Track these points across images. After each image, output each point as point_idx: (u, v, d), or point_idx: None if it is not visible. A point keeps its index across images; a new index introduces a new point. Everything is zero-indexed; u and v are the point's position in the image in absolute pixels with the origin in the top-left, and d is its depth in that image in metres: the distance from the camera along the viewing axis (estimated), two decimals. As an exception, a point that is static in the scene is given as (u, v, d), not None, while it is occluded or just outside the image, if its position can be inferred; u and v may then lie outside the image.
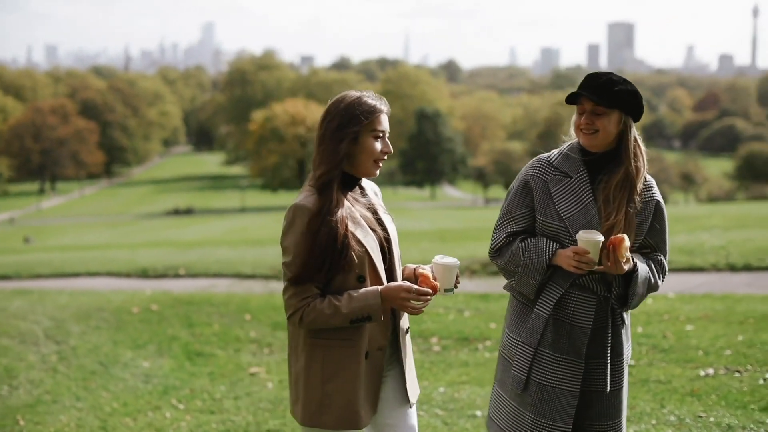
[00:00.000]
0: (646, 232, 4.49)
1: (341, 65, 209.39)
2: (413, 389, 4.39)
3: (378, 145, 4.21)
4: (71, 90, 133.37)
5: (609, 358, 4.45)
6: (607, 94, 4.35)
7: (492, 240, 4.62)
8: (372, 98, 4.24)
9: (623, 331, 4.53)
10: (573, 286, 4.42)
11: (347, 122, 4.14)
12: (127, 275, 18.45)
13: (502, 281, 13.03)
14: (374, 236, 4.21)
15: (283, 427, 7.60)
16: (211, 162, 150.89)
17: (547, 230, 4.44)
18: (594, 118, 4.38)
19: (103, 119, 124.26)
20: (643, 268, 4.42)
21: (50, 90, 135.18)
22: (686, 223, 23.73)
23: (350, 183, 4.26)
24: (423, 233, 29.21)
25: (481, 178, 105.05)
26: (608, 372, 4.45)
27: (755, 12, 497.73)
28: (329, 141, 4.14)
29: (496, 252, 4.59)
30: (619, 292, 4.46)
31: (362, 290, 4.07)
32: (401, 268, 4.40)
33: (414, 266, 4.37)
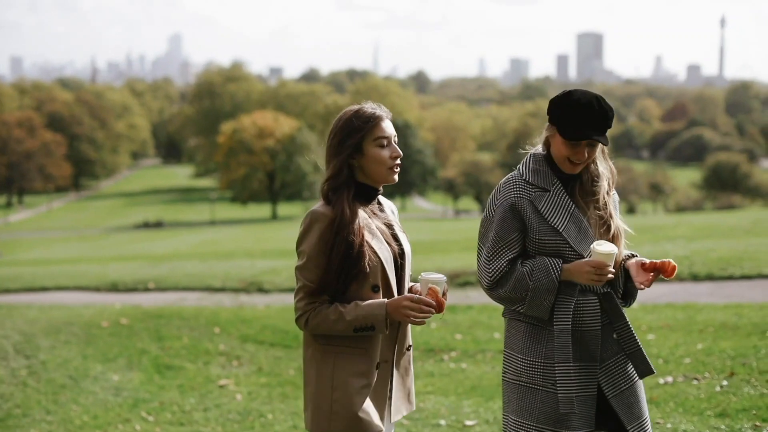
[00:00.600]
0: None
1: (310, 77, 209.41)
2: (398, 407, 4.35)
3: (385, 152, 4.23)
4: (37, 102, 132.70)
5: (621, 353, 4.42)
6: (607, 129, 4.37)
7: (489, 272, 4.43)
8: (370, 108, 4.27)
9: (629, 323, 4.46)
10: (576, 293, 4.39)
11: (347, 135, 4.20)
12: (97, 289, 18.54)
13: (469, 293, 13.19)
14: (389, 249, 4.22)
15: (252, 438, 7.73)
16: (181, 174, 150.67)
17: (546, 248, 4.38)
18: (590, 151, 4.37)
19: (71, 132, 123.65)
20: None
21: (16, 102, 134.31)
22: (652, 233, 24.04)
23: (368, 195, 4.28)
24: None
25: (451, 189, 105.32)
26: (626, 365, 4.43)
27: (722, 22, 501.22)
28: (333, 157, 4.21)
29: (496, 283, 4.43)
30: (622, 288, 4.48)
31: (369, 301, 4.09)
32: (409, 285, 4.39)
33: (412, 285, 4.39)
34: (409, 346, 4.41)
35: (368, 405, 4.14)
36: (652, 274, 4.33)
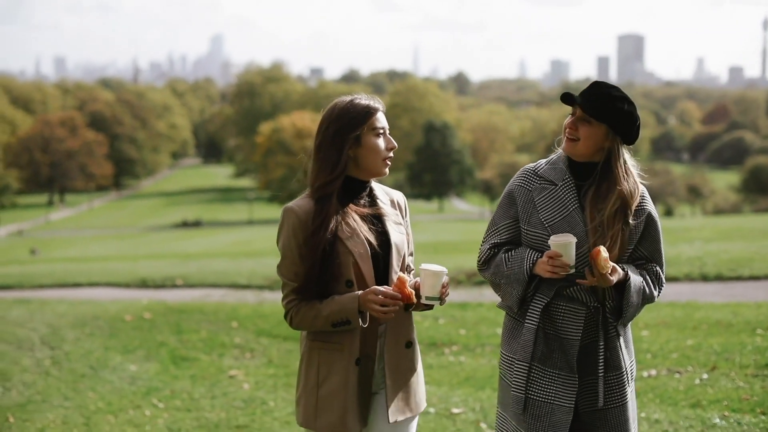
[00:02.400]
0: (638, 242, 4.39)
1: (350, 77, 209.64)
2: (398, 407, 4.27)
3: (382, 143, 4.22)
4: (80, 102, 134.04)
5: (602, 372, 4.32)
6: (598, 104, 4.26)
7: (480, 253, 4.57)
8: (364, 98, 4.26)
9: (620, 344, 4.40)
10: (561, 297, 4.33)
11: (345, 127, 4.15)
12: (127, 285, 19.02)
13: (484, 291, 13.62)
14: (365, 244, 4.16)
15: (252, 423, 8.18)
16: (220, 174, 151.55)
17: (531, 240, 4.37)
18: (579, 125, 4.31)
19: (112, 131, 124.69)
20: (635, 279, 4.32)
21: (59, 102, 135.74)
22: (674, 234, 24.23)
23: (355, 188, 4.27)
24: (418, 245, 29.73)
25: (488, 190, 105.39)
26: (600, 387, 4.32)
27: (765, 24, 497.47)
28: (328, 149, 4.16)
29: (483, 265, 4.52)
30: (613, 304, 4.35)
31: (344, 295, 4.08)
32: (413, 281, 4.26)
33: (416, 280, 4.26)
34: (409, 343, 4.33)
35: (349, 403, 4.16)
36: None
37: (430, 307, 4.17)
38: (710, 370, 8.61)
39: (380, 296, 4.00)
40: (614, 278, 4.19)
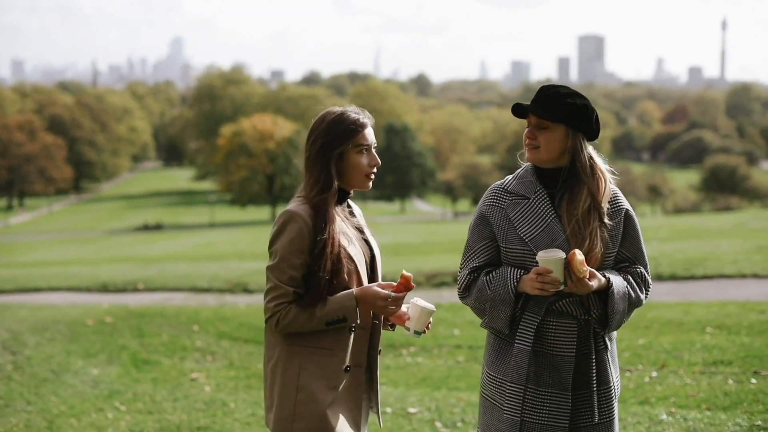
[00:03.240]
0: (620, 244, 4.30)
1: (311, 80, 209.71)
2: (375, 407, 4.42)
3: (365, 160, 4.24)
4: (38, 106, 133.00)
5: (596, 386, 4.22)
6: (551, 106, 4.21)
7: (459, 280, 4.42)
8: (353, 113, 4.25)
9: (608, 357, 4.30)
10: (550, 313, 4.20)
11: (330, 142, 4.17)
12: (87, 290, 19.10)
13: (443, 293, 13.84)
14: (362, 253, 4.25)
15: (213, 424, 8.32)
16: (181, 177, 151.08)
17: (512, 258, 4.24)
18: (537, 133, 4.24)
19: (71, 135, 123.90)
20: (619, 284, 4.21)
21: (17, 106, 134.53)
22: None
23: (341, 197, 4.29)
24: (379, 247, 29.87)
25: (450, 191, 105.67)
26: (595, 401, 4.21)
27: (724, 25, 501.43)
28: (314, 162, 4.19)
29: (465, 291, 4.37)
30: (599, 313, 4.22)
31: (339, 293, 4.10)
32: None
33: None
34: (380, 350, 4.43)
35: (336, 408, 4.15)
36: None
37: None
38: (659, 368, 8.85)
39: (389, 300, 4.08)
40: (593, 284, 4.08)
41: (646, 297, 4.36)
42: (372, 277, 4.33)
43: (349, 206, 4.41)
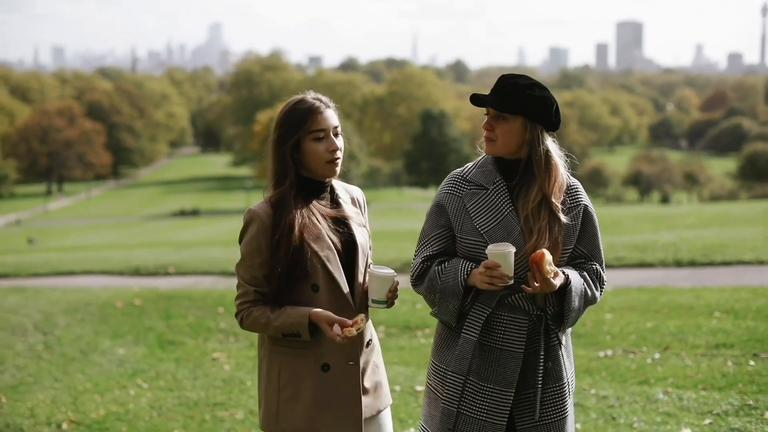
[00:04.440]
0: (576, 240, 4.23)
1: (348, 66, 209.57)
2: (367, 404, 4.28)
3: (321, 146, 4.14)
4: (78, 92, 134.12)
5: (540, 384, 4.13)
6: (507, 97, 4.10)
7: (412, 267, 4.35)
8: (309, 99, 4.19)
9: (562, 353, 4.23)
10: (501, 306, 4.12)
11: (285, 132, 4.14)
12: (120, 273, 19.45)
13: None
14: (333, 247, 4.15)
15: (228, 400, 8.68)
16: (218, 163, 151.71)
17: (466, 248, 4.17)
18: (494, 124, 4.14)
19: (110, 121, 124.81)
20: (576, 281, 4.14)
21: (57, 92, 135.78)
22: (657, 222, 24.71)
23: (314, 188, 4.24)
24: (407, 233, 30.17)
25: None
26: (537, 399, 4.12)
27: (764, 10, 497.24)
28: (274, 154, 4.18)
29: (417, 279, 4.30)
30: (554, 310, 4.17)
31: (297, 308, 4.05)
32: (365, 275, 4.30)
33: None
34: (369, 341, 4.34)
35: (322, 407, 4.15)
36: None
37: (376, 307, 4.16)
38: (663, 350, 9.12)
39: (335, 324, 4.00)
40: (557, 282, 4.00)
41: (600, 294, 4.30)
42: (352, 270, 4.24)
43: (333, 193, 4.34)
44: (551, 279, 3.95)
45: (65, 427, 8.10)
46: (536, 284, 3.95)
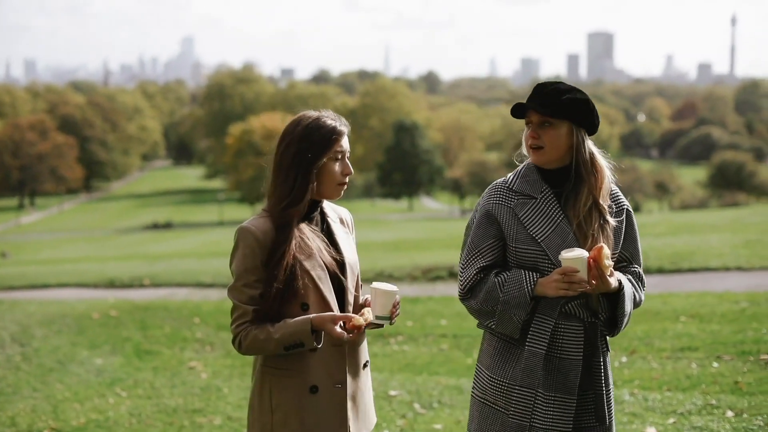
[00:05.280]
0: (621, 244, 4.23)
1: (320, 78, 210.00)
2: (356, 427, 4.19)
3: (338, 168, 4.09)
4: (50, 105, 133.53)
5: (602, 388, 4.15)
6: (553, 103, 4.09)
7: (461, 279, 4.26)
8: (330, 119, 4.10)
9: (607, 361, 4.25)
10: (558, 315, 4.10)
11: (307, 149, 4.02)
12: (95, 286, 19.58)
13: (437, 286, 14.34)
14: (323, 266, 4.08)
15: (206, 407, 8.87)
16: (191, 176, 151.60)
17: (523, 258, 4.14)
18: (541, 132, 4.13)
19: (83, 134, 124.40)
20: (627, 284, 4.16)
21: (29, 105, 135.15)
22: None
23: (309, 210, 4.16)
24: (380, 244, 30.40)
25: (458, 189, 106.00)
26: (604, 402, 4.15)
27: (734, 21, 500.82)
28: (288, 170, 4.04)
29: (467, 293, 4.24)
30: (607, 315, 4.16)
31: (296, 318, 3.96)
32: (355, 294, 4.23)
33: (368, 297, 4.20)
34: (366, 362, 4.28)
35: (306, 430, 4.07)
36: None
37: (380, 325, 4.06)
38: (630, 354, 9.37)
39: (339, 321, 3.92)
40: (612, 281, 4.00)
41: (643, 296, 4.33)
42: (342, 290, 4.15)
43: (322, 213, 4.26)
44: (607, 276, 3.95)
45: (46, 434, 8.28)
46: (593, 281, 3.95)
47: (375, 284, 4.05)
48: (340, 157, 4.09)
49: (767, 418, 6.88)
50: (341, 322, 3.93)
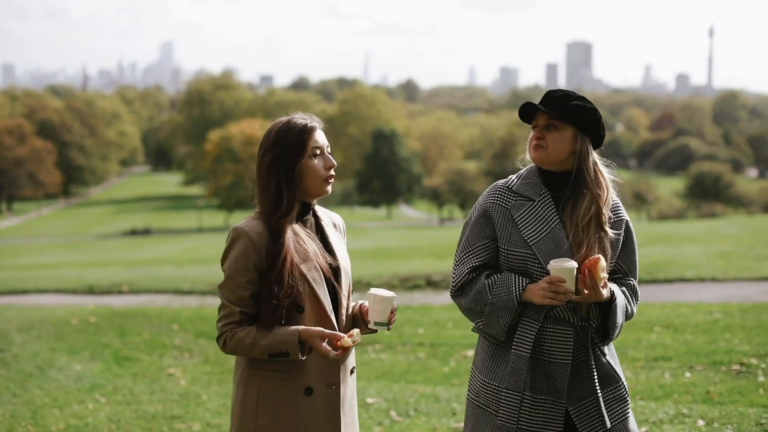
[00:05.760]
0: (617, 256, 4.27)
1: (300, 85, 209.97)
2: (347, 430, 4.19)
3: (320, 163, 4.10)
4: (28, 110, 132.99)
5: (599, 392, 4.15)
6: (561, 107, 4.18)
7: (453, 276, 4.33)
8: (300, 119, 4.11)
9: (609, 360, 4.25)
10: (547, 319, 4.13)
11: (282, 153, 4.05)
12: (74, 292, 19.64)
13: (415, 295, 14.44)
14: (319, 269, 4.08)
15: (185, 413, 8.96)
16: (170, 182, 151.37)
17: (513, 260, 4.19)
18: (545, 133, 4.20)
19: (61, 139, 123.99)
20: (620, 297, 4.18)
21: (7, 110, 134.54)
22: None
23: (301, 210, 4.16)
24: (359, 251, 30.48)
25: (437, 197, 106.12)
26: (602, 407, 4.15)
27: (711, 32, 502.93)
28: (269, 178, 4.06)
29: (458, 291, 4.30)
30: (598, 323, 4.19)
31: (285, 327, 3.94)
32: (348, 299, 4.25)
33: (362, 303, 4.25)
34: (353, 368, 4.27)
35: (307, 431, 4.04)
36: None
37: (374, 331, 4.11)
38: (604, 364, 9.49)
39: (326, 337, 3.91)
40: (605, 292, 4.03)
41: (636, 309, 4.36)
42: (335, 293, 4.15)
43: (316, 216, 4.28)
44: (600, 287, 3.98)
45: (26, 439, 8.34)
46: (585, 291, 3.98)
47: (373, 290, 4.06)
48: (318, 152, 4.11)
49: (737, 426, 7.03)
50: (327, 341, 3.92)
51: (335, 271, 4.17)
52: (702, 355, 9.45)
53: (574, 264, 3.97)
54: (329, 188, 4.15)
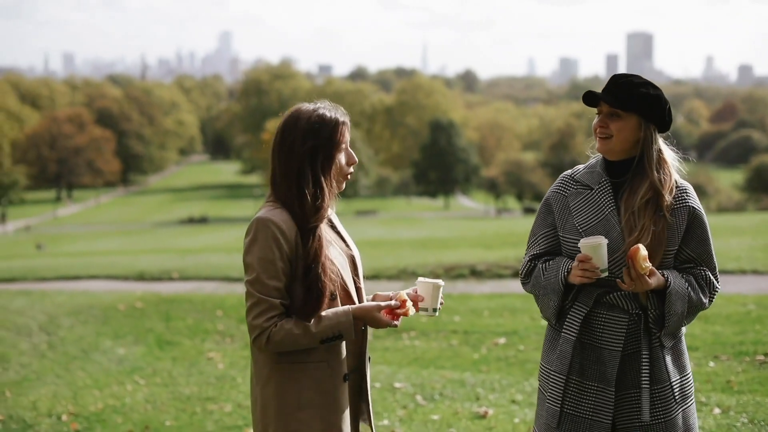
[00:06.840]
0: (683, 243, 4.13)
1: (357, 75, 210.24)
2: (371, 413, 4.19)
3: (344, 159, 3.98)
4: (88, 99, 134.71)
5: (647, 384, 4.08)
6: (623, 95, 4.10)
7: (522, 266, 4.43)
8: (329, 110, 3.96)
9: (665, 355, 4.15)
10: (600, 305, 4.13)
11: (319, 148, 3.90)
12: (125, 278, 19.93)
13: (457, 284, 14.66)
14: (343, 255, 4.05)
15: (219, 395, 9.22)
16: (228, 171, 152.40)
17: (567, 247, 4.22)
18: (609, 121, 4.13)
19: (120, 128, 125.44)
20: (678, 284, 4.06)
21: (67, 99, 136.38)
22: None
23: None
24: (409, 241, 30.63)
25: (494, 188, 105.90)
26: (645, 399, 4.07)
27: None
28: (303, 169, 3.88)
29: (525, 277, 4.38)
30: (656, 312, 4.10)
31: (331, 310, 3.84)
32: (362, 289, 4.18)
33: (387, 293, 4.14)
34: (369, 357, 4.20)
35: (341, 421, 3.96)
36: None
37: (432, 314, 4.13)
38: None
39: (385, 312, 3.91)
40: (652, 281, 3.96)
41: (710, 301, 4.20)
42: (355, 276, 4.11)
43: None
44: (646, 277, 3.92)
45: (65, 418, 8.62)
46: (629, 280, 3.94)
47: (422, 279, 4.07)
48: (345, 147, 3.99)
49: (752, 415, 7.13)
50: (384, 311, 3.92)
51: (351, 259, 4.13)
52: (728, 345, 9.54)
53: (602, 240, 3.96)
54: (343, 184, 4.07)
